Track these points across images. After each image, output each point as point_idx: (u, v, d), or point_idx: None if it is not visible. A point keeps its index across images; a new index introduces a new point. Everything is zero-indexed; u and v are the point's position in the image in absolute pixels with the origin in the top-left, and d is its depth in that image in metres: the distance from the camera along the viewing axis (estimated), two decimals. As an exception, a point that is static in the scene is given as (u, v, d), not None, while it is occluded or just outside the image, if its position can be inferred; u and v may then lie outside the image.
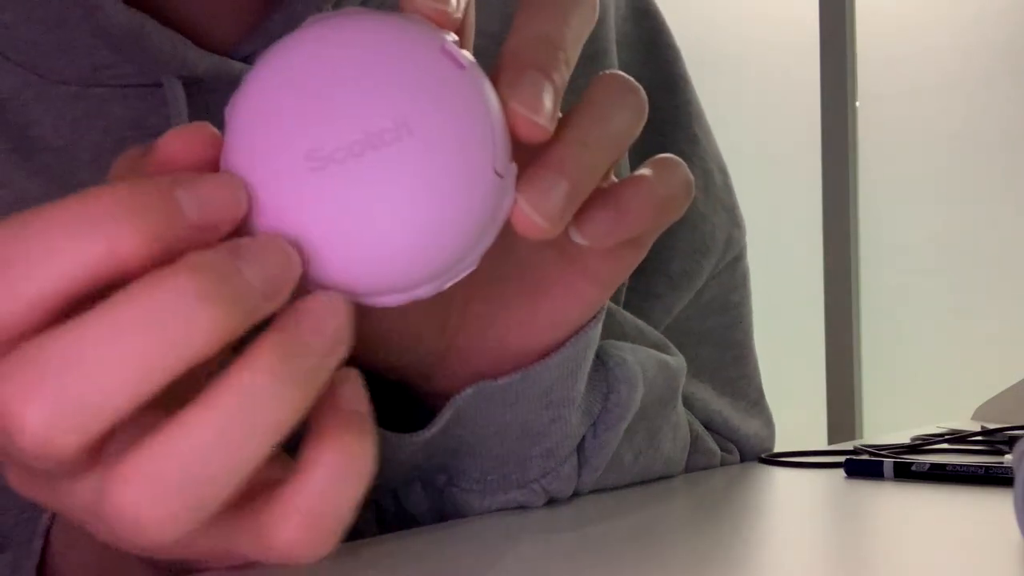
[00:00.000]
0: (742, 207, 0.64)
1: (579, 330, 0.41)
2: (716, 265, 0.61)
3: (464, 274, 0.30)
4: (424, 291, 0.30)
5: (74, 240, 0.24)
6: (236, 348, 0.26)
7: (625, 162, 0.55)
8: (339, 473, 0.26)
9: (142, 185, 0.25)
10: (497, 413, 0.41)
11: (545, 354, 0.40)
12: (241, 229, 0.28)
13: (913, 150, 2.19)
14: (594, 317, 0.41)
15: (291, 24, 0.45)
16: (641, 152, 0.38)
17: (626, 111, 0.34)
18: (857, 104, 2.21)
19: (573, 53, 0.32)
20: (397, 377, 0.42)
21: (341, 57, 0.28)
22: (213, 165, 0.29)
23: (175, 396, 0.26)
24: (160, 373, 0.24)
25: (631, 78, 0.35)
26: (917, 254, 2.20)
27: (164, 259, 0.25)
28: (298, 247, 0.28)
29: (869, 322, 2.21)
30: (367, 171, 0.27)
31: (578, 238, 0.34)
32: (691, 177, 0.36)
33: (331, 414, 0.27)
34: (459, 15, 0.30)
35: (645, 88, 0.35)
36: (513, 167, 0.30)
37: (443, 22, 0.30)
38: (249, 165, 0.28)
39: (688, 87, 0.62)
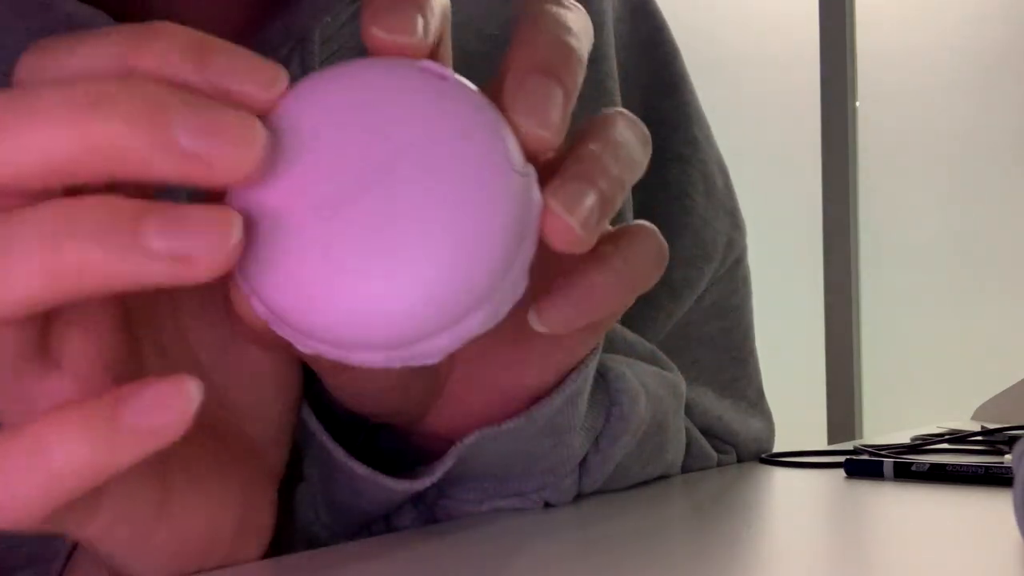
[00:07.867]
0: (742, 208, 0.63)
1: (578, 365, 0.40)
2: (717, 270, 0.60)
3: (518, 295, 0.29)
4: (478, 321, 0.29)
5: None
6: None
7: (628, 199, 0.54)
8: None
9: None
10: (499, 449, 0.41)
11: (539, 388, 0.40)
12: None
13: (913, 150, 2.19)
14: (593, 349, 0.40)
15: (289, 34, 0.44)
16: None
17: (634, 138, 0.33)
18: (857, 104, 2.21)
19: (574, 82, 0.31)
20: (385, 420, 0.41)
21: (338, 107, 0.28)
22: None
23: None
24: (51, 293, 0.25)
25: (631, 113, 0.34)
26: (917, 254, 2.20)
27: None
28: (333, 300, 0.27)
29: (869, 322, 2.21)
30: (377, 214, 0.27)
31: (538, 326, 0.32)
32: (664, 245, 0.35)
33: None
34: (429, 41, 0.29)
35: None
36: (531, 167, 0.29)
37: (412, 55, 0.29)
38: (259, 214, 0.28)
39: (687, 87, 0.60)
